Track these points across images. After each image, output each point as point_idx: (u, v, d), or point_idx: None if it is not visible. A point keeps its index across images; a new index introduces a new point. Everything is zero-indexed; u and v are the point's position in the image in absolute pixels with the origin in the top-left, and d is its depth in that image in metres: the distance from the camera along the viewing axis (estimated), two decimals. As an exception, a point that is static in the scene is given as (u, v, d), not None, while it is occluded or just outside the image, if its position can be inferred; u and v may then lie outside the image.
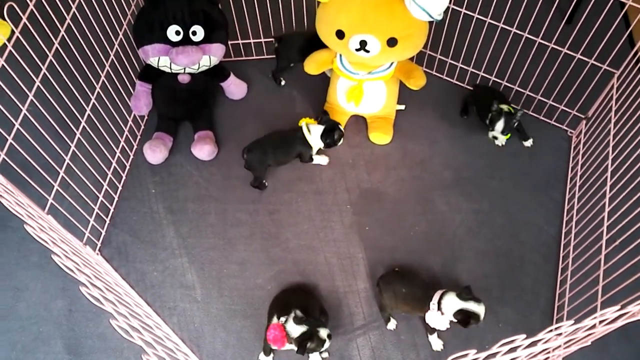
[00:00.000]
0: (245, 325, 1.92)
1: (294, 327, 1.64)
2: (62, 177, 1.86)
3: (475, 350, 1.05)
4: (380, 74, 2.16)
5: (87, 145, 2.01)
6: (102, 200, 2.10)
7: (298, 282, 2.01)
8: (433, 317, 1.72)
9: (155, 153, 2.23)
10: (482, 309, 1.66)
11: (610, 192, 1.80)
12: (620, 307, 1.02)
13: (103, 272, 1.38)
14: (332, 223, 2.14)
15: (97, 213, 2.07)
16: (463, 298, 1.67)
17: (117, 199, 2.19)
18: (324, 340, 1.65)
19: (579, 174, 2.14)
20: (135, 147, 2.34)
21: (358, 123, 2.40)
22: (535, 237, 2.10)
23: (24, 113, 1.65)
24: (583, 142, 2.22)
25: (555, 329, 1.05)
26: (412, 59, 2.31)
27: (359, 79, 2.19)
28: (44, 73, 1.73)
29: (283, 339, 1.64)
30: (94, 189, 2.07)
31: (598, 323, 1.17)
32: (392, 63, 2.16)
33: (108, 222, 2.14)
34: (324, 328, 1.67)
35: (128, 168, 2.28)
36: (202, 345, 1.89)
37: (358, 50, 1.98)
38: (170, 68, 2.15)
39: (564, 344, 1.49)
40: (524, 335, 1.02)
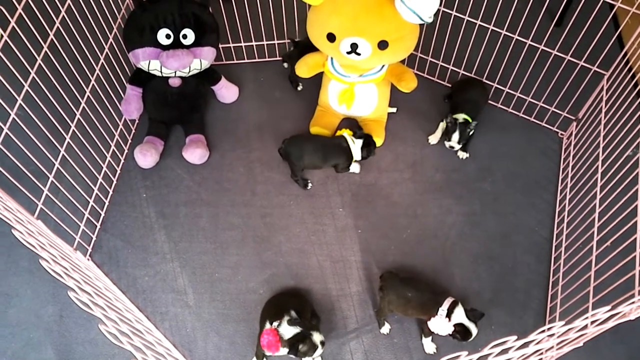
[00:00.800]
0: (238, 330, 1.91)
1: (287, 328, 1.64)
2: (52, 182, 1.84)
3: (467, 352, 1.04)
4: (372, 77, 2.17)
5: (77, 150, 1.99)
6: (92, 205, 2.09)
7: (290, 285, 2.01)
8: (439, 323, 1.72)
9: (146, 157, 2.22)
10: (475, 331, 1.73)
11: (601, 193, 1.81)
12: (611, 307, 1.02)
13: (93, 277, 1.36)
14: (324, 226, 2.13)
15: (87, 218, 2.06)
16: (470, 317, 1.72)
17: (107, 204, 2.18)
18: (317, 346, 1.64)
19: (570, 176, 2.15)
20: (126, 151, 2.32)
21: (350, 126, 2.39)
22: (527, 238, 2.10)
23: (13, 117, 1.64)
24: (574, 143, 2.23)
25: (547, 330, 1.05)
26: (403, 62, 2.31)
27: (351, 82, 2.19)
28: (33, 77, 1.71)
29: (277, 344, 1.63)
30: (85, 194, 2.05)
31: (590, 324, 1.17)
32: (383, 66, 2.16)
33: (99, 226, 2.12)
34: (319, 333, 1.66)
35: (119, 172, 2.26)
36: (194, 350, 1.88)
37: (349, 53, 1.98)
38: (161, 72, 2.14)
39: (557, 345, 1.49)
40: (516, 337, 1.02)
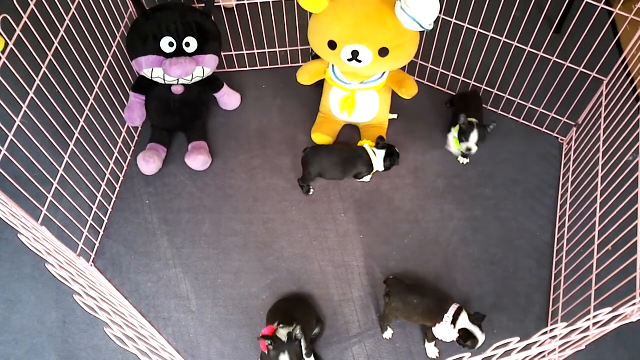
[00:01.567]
0: (241, 335, 1.92)
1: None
2: (55, 188, 1.86)
3: (470, 354, 1.05)
4: (373, 84, 2.18)
5: (80, 157, 2.01)
6: (96, 212, 2.10)
7: (293, 291, 2.01)
8: (444, 329, 1.74)
9: (149, 164, 2.23)
10: (482, 338, 1.74)
11: (601, 197, 1.82)
12: (613, 309, 1.03)
13: (98, 283, 1.37)
14: (326, 232, 2.14)
15: (91, 224, 2.07)
16: (474, 321, 1.74)
17: (111, 210, 2.19)
18: None
19: (571, 180, 2.16)
20: (129, 158, 2.34)
21: (351, 132, 2.41)
22: (529, 243, 2.11)
23: (18, 124, 1.65)
24: (574, 149, 2.24)
25: (550, 331, 1.05)
26: (403, 69, 2.33)
27: (352, 89, 2.20)
28: (38, 85, 1.73)
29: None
30: (88, 201, 2.06)
31: (592, 325, 1.18)
32: (384, 73, 2.18)
33: (102, 233, 2.13)
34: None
35: (122, 179, 2.28)
36: (197, 356, 1.88)
37: (350, 61, 2.00)
38: (164, 79, 2.16)
39: (559, 348, 1.50)
40: (518, 338, 1.03)
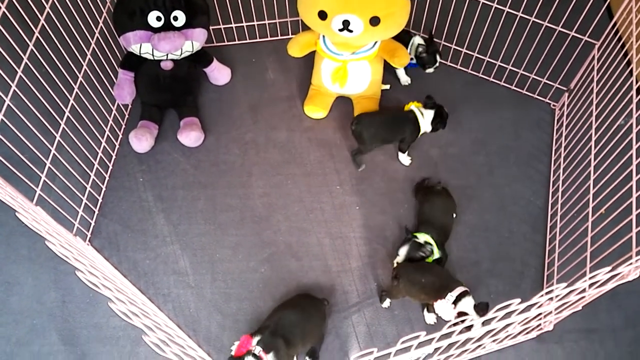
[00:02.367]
0: (241, 308, 1.93)
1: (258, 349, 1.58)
2: (48, 168, 1.84)
3: (472, 317, 1.07)
4: (364, 54, 2.17)
5: (72, 136, 1.99)
6: (89, 191, 2.09)
7: (299, 295, 1.93)
8: (444, 306, 1.71)
9: (141, 141, 2.21)
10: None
11: (595, 160, 1.83)
12: (612, 268, 1.05)
13: (97, 262, 1.38)
14: (322, 204, 2.15)
15: (85, 204, 2.05)
16: (477, 309, 1.65)
17: (104, 189, 2.18)
18: None
19: (563, 145, 2.18)
20: (121, 136, 2.31)
21: (344, 104, 2.40)
22: (523, 209, 2.14)
23: (8, 104, 1.63)
24: (566, 114, 2.25)
25: (549, 292, 1.08)
26: (395, 38, 2.31)
27: (343, 60, 2.19)
28: (26, 63, 1.70)
29: (243, 350, 1.58)
30: (82, 180, 2.05)
31: (589, 286, 1.21)
32: (375, 43, 2.16)
33: (97, 212, 2.12)
34: None
35: (114, 158, 2.26)
36: (198, 330, 1.90)
37: (341, 31, 1.98)
38: (153, 55, 2.13)
39: (555, 310, 1.53)
40: (519, 300, 1.05)
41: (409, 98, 2.31)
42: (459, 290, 1.71)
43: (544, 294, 1.07)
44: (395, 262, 1.91)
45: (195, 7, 2.12)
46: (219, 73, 2.43)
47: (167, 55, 2.15)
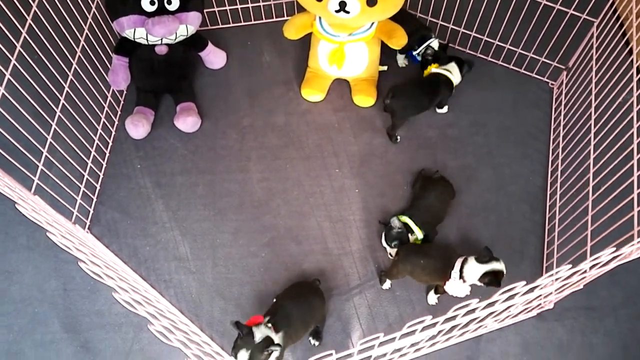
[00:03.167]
0: (243, 292, 1.94)
1: (263, 330, 1.54)
2: (45, 156, 1.82)
3: (478, 299, 1.07)
4: (361, 35, 2.14)
5: (67, 123, 1.97)
6: (87, 179, 2.08)
7: (303, 271, 1.97)
8: (454, 286, 1.70)
9: (138, 128, 2.19)
10: (503, 266, 1.66)
11: (595, 139, 1.83)
12: (616, 248, 1.05)
13: (97, 250, 1.37)
14: (321, 187, 2.15)
15: (83, 191, 2.04)
16: (483, 261, 1.66)
17: (102, 176, 2.16)
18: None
19: (562, 124, 2.17)
20: (117, 122, 2.29)
21: (341, 86, 2.38)
22: (522, 188, 2.14)
23: (2, 92, 1.61)
24: (564, 92, 2.24)
25: (555, 274, 1.08)
26: (392, 19, 2.29)
27: (340, 42, 2.16)
28: (19, 51, 1.67)
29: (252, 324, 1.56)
30: (79, 167, 2.03)
31: (591, 267, 1.21)
32: (372, 23, 2.13)
33: (95, 200, 2.11)
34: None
35: (111, 145, 2.24)
36: (200, 315, 1.90)
37: (338, 12, 1.95)
38: (147, 40, 2.10)
39: (556, 290, 1.54)
40: (524, 282, 1.05)
41: (400, 79, 2.29)
42: (459, 263, 1.70)
43: (548, 277, 1.07)
44: (389, 254, 1.94)
45: (189, -10, 2.08)
46: (214, 57, 2.41)
47: (161, 40, 2.12)
